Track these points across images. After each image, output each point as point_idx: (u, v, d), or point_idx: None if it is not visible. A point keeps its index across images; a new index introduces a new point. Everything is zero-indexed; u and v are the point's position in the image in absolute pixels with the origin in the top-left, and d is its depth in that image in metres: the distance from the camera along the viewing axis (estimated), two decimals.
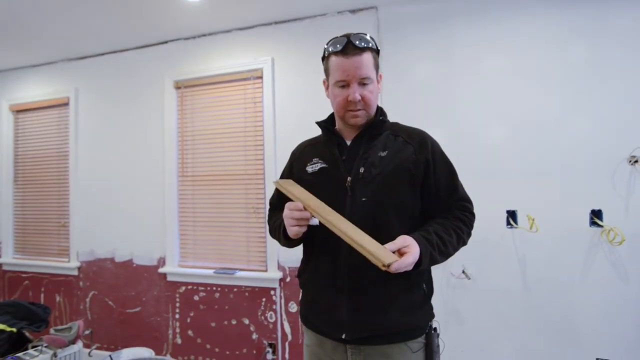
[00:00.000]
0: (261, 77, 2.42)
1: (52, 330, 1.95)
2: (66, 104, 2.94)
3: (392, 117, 1.13)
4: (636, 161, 1.79)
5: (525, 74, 1.97)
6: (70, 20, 2.32)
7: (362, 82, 0.98)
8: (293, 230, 0.96)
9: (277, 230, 1.10)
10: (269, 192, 2.32)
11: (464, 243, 1.02)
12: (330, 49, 1.00)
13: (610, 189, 1.84)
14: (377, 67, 1.02)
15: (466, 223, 1.01)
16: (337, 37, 1.00)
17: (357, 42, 0.96)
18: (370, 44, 0.99)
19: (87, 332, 2.18)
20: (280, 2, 2.17)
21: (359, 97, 0.98)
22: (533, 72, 1.96)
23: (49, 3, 2.11)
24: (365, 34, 1.00)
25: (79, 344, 1.99)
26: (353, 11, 2.26)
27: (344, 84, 0.99)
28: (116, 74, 2.82)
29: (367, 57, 0.98)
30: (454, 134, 2.05)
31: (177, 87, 2.64)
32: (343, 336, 0.97)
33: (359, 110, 1.00)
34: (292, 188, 0.99)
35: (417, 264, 0.88)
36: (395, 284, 0.96)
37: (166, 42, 2.67)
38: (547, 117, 1.93)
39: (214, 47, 2.56)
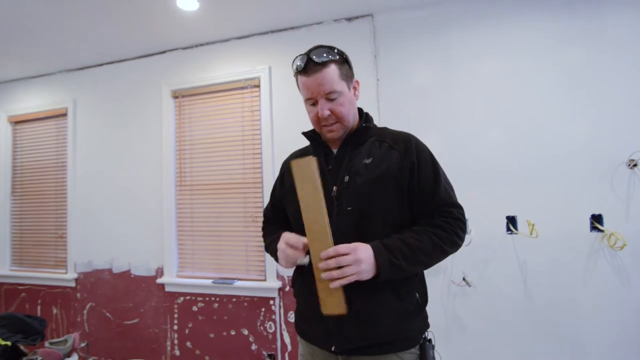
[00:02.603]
0: (258, 86, 2.43)
1: (47, 344, 1.92)
2: (64, 115, 2.94)
3: (389, 123, 1.12)
4: (635, 165, 1.79)
5: (523, 78, 1.98)
6: (68, 31, 2.34)
7: (329, 98, 0.97)
8: (283, 265, 1.00)
9: (273, 254, 1.10)
10: (267, 201, 2.30)
11: (444, 251, 0.93)
12: (295, 67, 1.00)
13: (610, 193, 1.83)
14: (346, 76, 1.00)
15: (446, 229, 0.93)
16: (300, 55, 0.98)
17: (316, 58, 0.95)
18: (332, 57, 0.96)
19: (82, 344, 2.15)
20: (276, 10, 2.19)
21: (327, 113, 0.97)
22: (530, 77, 1.97)
23: (46, 14, 2.12)
24: (328, 47, 0.97)
25: (75, 357, 1.95)
26: (349, 19, 2.27)
27: (313, 102, 0.99)
28: (114, 84, 2.83)
29: (330, 70, 0.95)
30: (451, 139, 2.05)
31: (175, 97, 2.64)
32: (332, 348, 0.95)
33: (332, 124, 1.00)
34: (304, 183, 0.88)
35: (378, 273, 0.87)
36: (382, 293, 0.93)
37: (164, 51, 2.68)
38: (545, 121, 1.93)
39: (211, 56, 2.57)
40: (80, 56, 2.74)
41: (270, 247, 1.12)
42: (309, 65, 0.96)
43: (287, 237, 0.96)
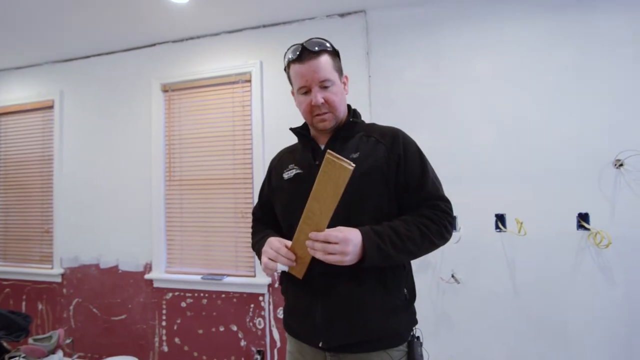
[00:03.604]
0: (249, 81, 2.40)
1: (30, 340, 1.88)
2: (51, 107, 2.88)
3: (380, 120, 1.12)
4: (621, 164, 1.81)
5: (513, 77, 1.99)
6: (56, 21, 2.28)
7: (323, 85, 0.97)
8: (264, 271, 0.98)
9: (258, 255, 1.09)
10: (257, 197, 2.29)
11: (432, 242, 0.93)
12: (288, 58, 1.00)
13: (597, 192, 1.85)
14: (338, 69, 1.02)
15: (435, 221, 0.93)
16: (293, 45, 0.99)
17: (311, 47, 0.96)
18: (326, 47, 0.98)
19: (67, 341, 2.12)
20: (268, 5, 2.16)
21: (321, 101, 0.97)
22: (520, 75, 1.98)
23: (33, 4, 2.07)
24: (322, 39, 0.99)
25: (59, 354, 1.92)
26: (342, 15, 2.26)
27: (306, 90, 0.99)
28: (102, 76, 2.77)
29: (324, 59, 0.97)
30: (442, 137, 2.06)
31: (165, 91, 2.60)
32: (320, 344, 0.95)
33: (325, 113, 0.99)
34: (328, 181, 0.83)
35: (364, 257, 0.86)
36: (371, 287, 0.93)
37: (154, 44, 2.64)
38: (535, 120, 1.94)
39: (202, 50, 2.53)
40: (68, 48, 2.68)
41: (256, 248, 1.12)
42: (303, 54, 0.96)
43: (270, 242, 0.95)
